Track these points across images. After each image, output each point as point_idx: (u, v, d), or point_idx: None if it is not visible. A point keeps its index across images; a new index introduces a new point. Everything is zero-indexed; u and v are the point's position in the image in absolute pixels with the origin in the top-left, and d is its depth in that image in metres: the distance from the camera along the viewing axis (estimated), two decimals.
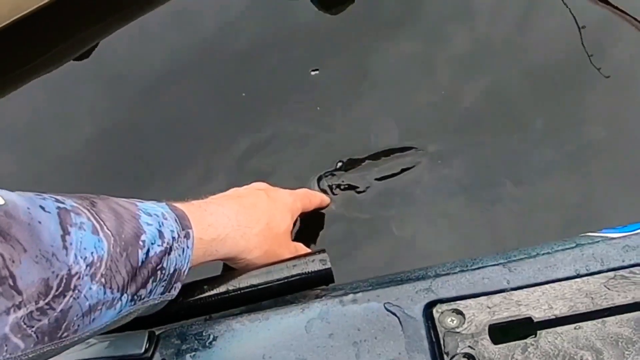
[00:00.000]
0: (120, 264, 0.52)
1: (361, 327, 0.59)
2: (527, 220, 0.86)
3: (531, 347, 0.56)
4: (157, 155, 0.96)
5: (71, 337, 0.49)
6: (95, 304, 0.50)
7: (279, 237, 0.73)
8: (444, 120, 0.94)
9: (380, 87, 0.99)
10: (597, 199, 0.87)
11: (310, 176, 0.91)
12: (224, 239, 0.66)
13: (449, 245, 0.85)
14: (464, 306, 0.59)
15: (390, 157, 0.91)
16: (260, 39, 1.05)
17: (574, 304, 0.58)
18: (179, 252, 0.59)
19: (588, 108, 0.94)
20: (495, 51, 1.01)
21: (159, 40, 1.08)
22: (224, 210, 0.68)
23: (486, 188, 0.88)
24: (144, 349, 0.60)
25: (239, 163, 0.93)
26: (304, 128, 0.96)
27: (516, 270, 0.61)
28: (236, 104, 0.99)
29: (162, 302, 0.60)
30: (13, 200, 0.46)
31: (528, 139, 0.91)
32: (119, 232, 0.53)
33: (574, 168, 0.89)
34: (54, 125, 1.02)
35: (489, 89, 0.97)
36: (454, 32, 1.03)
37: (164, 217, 0.59)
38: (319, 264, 0.67)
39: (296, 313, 0.61)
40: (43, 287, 0.45)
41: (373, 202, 0.88)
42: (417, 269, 0.66)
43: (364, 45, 1.03)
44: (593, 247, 0.61)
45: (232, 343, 0.61)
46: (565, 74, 0.97)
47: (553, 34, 1.02)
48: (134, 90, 1.03)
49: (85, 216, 0.51)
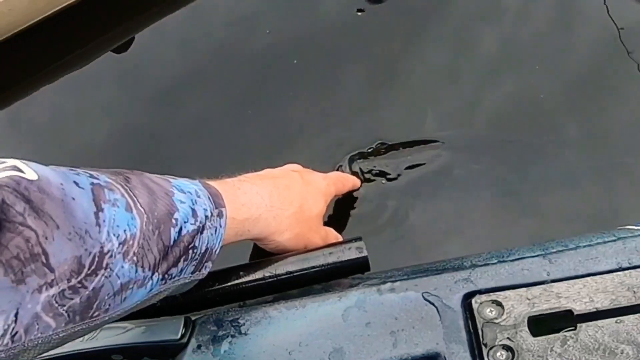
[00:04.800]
0: (152, 242, 0.51)
1: (399, 316, 0.59)
2: (557, 216, 0.85)
3: (571, 340, 0.56)
4: (176, 155, 0.96)
5: (102, 317, 0.49)
6: (126, 282, 0.49)
7: (311, 221, 0.73)
8: (476, 117, 0.93)
9: (414, 79, 0.98)
10: (626, 196, 0.86)
11: (342, 155, 0.91)
12: (257, 219, 0.66)
13: (479, 236, 0.84)
14: (503, 297, 0.58)
15: (421, 148, 0.90)
16: (283, 36, 1.04)
17: (616, 297, 0.57)
18: (211, 231, 0.58)
19: (622, 112, 0.93)
20: (526, 51, 0.99)
21: (178, 39, 1.07)
22: (257, 189, 0.67)
23: (515, 184, 0.87)
24: (180, 335, 0.60)
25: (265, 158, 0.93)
26: (330, 116, 0.96)
27: (556, 262, 0.60)
28: (261, 101, 0.99)
29: (193, 282, 0.59)
30: (46, 176, 0.45)
31: (559, 141, 0.90)
32: (152, 210, 0.52)
33: (603, 173, 0.88)
34: (75, 123, 1.01)
35: (520, 90, 0.96)
36: (485, 27, 1.02)
37: (197, 194, 0.58)
38: (356, 251, 0.67)
39: (333, 301, 0.61)
40: (75, 265, 0.45)
41: (403, 190, 0.87)
42: (453, 258, 0.65)
43: (395, 38, 1.02)
44: (635, 240, 0.60)
45: (268, 330, 0.60)
46: (599, 77, 0.96)
47: (587, 35, 1.00)
48: (153, 90, 1.02)
49: (119, 192, 0.50)
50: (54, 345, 0.46)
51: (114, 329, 0.60)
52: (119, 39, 1.06)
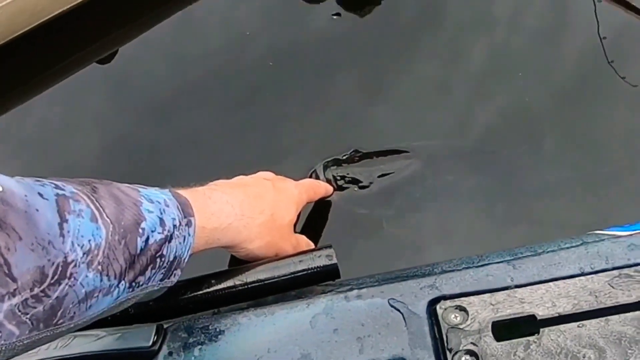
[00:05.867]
0: (118, 252, 0.52)
1: (365, 322, 0.60)
2: (532, 225, 0.86)
3: (534, 344, 0.56)
4: (165, 167, 0.97)
5: (67, 324, 0.50)
6: (91, 291, 0.50)
7: (282, 229, 0.74)
8: (454, 127, 0.94)
9: (395, 89, 0.99)
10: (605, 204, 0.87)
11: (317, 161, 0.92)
12: (227, 228, 0.67)
13: (451, 244, 0.85)
14: (467, 303, 0.59)
15: (394, 157, 0.91)
16: (275, 47, 1.05)
17: (578, 302, 0.57)
18: (179, 240, 0.59)
19: (608, 123, 0.93)
20: (511, 62, 1.01)
21: (166, 51, 1.09)
22: (228, 198, 0.68)
23: (489, 193, 0.88)
24: (151, 342, 0.61)
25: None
26: (314, 118, 0.97)
27: (520, 267, 0.61)
28: (249, 113, 1.00)
29: (162, 289, 0.60)
30: (10, 188, 0.46)
31: (541, 152, 0.91)
32: (118, 219, 0.53)
33: (587, 184, 0.88)
34: (63, 135, 1.02)
35: (507, 101, 0.97)
36: (476, 38, 1.03)
37: (166, 204, 0.59)
38: (325, 259, 0.67)
39: (301, 308, 0.62)
40: (38, 274, 0.46)
41: (375, 198, 0.88)
42: (424, 265, 0.66)
43: (383, 50, 1.03)
44: (598, 245, 0.61)
45: (238, 337, 0.61)
46: (584, 88, 0.97)
47: (573, 46, 1.01)
48: (142, 102, 1.04)
49: (84, 203, 0.51)
50: (19, 352, 0.47)
51: (87, 336, 0.61)
52: (106, 50, 1.08)
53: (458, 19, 1.06)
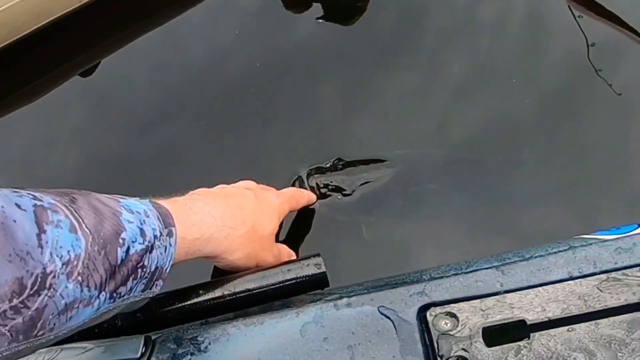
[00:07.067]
0: (98, 262, 0.51)
1: (355, 330, 0.60)
2: (516, 232, 0.87)
3: (524, 349, 0.56)
4: (147, 180, 0.96)
5: (47, 335, 0.49)
6: (71, 302, 0.50)
7: (263, 240, 0.73)
8: (439, 136, 0.95)
9: (379, 97, 0.99)
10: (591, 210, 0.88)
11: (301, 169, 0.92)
12: (208, 238, 0.66)
13: (437, 250, 0.85)
14: (457, 309, 0.59)
15: (377, 165, 0.91)
16: (257, 59, 1.05)
17: (567, 306, 0.58)
18: (160, 251, 0.58)
19: (591, 129, 0.94)
20: (495, 71, 1.01)
21: (148, 64, 1.08)
22: (209, 209, 0.68)
23: (471, 201, 0.89)
24: (140, 354, 0.60)
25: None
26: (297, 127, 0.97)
27: (509, 273, 0.61)
28: (232, 122, 1.00)
29: (144, 299, 0.60)
30: None
31: (524, 159, 0.92)
32: (97, 230, 0.52)
33: (571, 190, 0.89)
34: (44, 150, 1.02)
35: (489, 110, 0.97)
36: (458, 47, 1.04)
37: (147, 214, 0.58)
38: (314, 267, 0.67)
39: (291, 317, 0.62)
40: (17, 286, 0.45)
41: (357, 206, 0.88)
42: (413, 272, 0.66)
43: (365, 59, 1.04)
44: (586, 249, 0.61)
45: (227, 347, 0.61)
46: (568, 95, 0.97)
47: (557, 55, 1.02)
48: (126, 114, 1.03)
49: (63, 214, 0.50)
50: None
51: (74, 349, 0.60)
52: (88, 63, 1.07)
53: (440, 29, 1.07)
